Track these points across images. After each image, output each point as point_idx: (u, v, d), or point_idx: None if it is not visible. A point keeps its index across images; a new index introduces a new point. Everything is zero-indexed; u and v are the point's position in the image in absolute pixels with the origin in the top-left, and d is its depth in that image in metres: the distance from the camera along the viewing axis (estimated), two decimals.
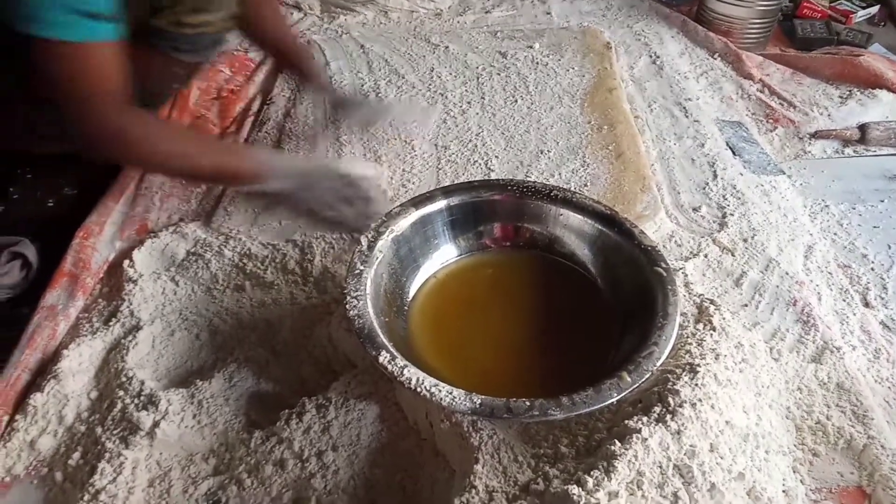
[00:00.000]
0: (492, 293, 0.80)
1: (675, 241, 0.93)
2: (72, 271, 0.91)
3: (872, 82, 1.28)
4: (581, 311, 0.76)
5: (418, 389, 0.60)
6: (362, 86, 1.28)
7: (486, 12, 1.59)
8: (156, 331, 0.83)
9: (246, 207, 1.00)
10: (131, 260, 0.92)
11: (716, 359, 0.63)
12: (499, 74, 1.30)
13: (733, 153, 1.12)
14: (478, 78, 1.29)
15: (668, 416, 0.56)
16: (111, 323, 0.84)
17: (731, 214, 0.97)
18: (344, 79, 1.31)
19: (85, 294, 0.90)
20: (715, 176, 1.05)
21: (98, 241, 0.95)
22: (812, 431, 0.69)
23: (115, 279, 0.92)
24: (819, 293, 0.86)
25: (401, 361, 0.62)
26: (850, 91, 1.28)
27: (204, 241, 0.96)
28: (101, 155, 0.85)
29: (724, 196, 1.01)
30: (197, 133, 0.99)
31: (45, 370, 0.79)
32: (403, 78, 1.30)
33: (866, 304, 0.86)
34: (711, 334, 0.67)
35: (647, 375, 0.59)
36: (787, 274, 0.88)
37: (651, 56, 1.38)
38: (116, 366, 0.78)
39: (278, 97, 1.27)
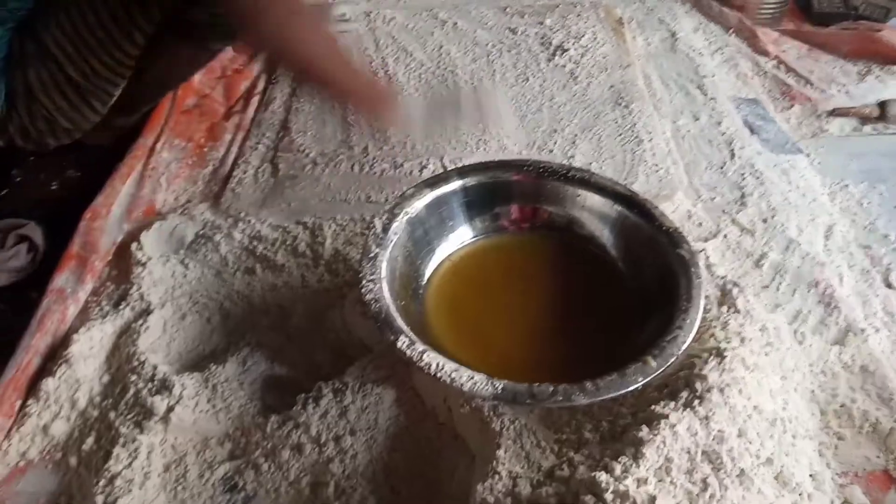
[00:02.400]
0: (509, 276, 0.78)
1: (694, 222, 0.91)
2: (80, 254, 0.89)
3: (892, 58, 1.25)
4: (601, 295, 0.74)
5: (438, 375, 0.58)
6: (370, 63, 1.26)
7: None
8: (167, 314, 0.82)
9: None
10: (139, 243, 0.90)
11: (742, 342, 0.62)
12: (509, 52, 1.27)
13: (751, 131, 1.10)
14: (488, 55, 1.26)
15: (696, 402, 0.55)
16: (121, 307, 0.83)
17: (750, 194, 0.96)
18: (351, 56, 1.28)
19: (94, 277, 0.89)
20: (732, 155, 1.03)
21: (105, 223, 0.94)
22: (837, 415, 0.68)
23: (123, 262, 0.91)
24: (840, 274, 0.85)
25: (420, 346, 0.61)
26: (868, 67, 1.25)
27: (213, 223, 0.95)
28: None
29: (742, 176, 0.99)
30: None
31: (55, 354, 0.78)
32: (412, 55, 1.27)
33: (888, 286, 0.85)
34: (736, 317, 0.66)
35: (673, 360, 0.58)
36: (807, 254, 0.86)
37: (665, 32, 1.35)
38: (128, 350, 0.77)
39: (283, 75, 1.24)
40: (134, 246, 0.90)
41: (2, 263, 0.90)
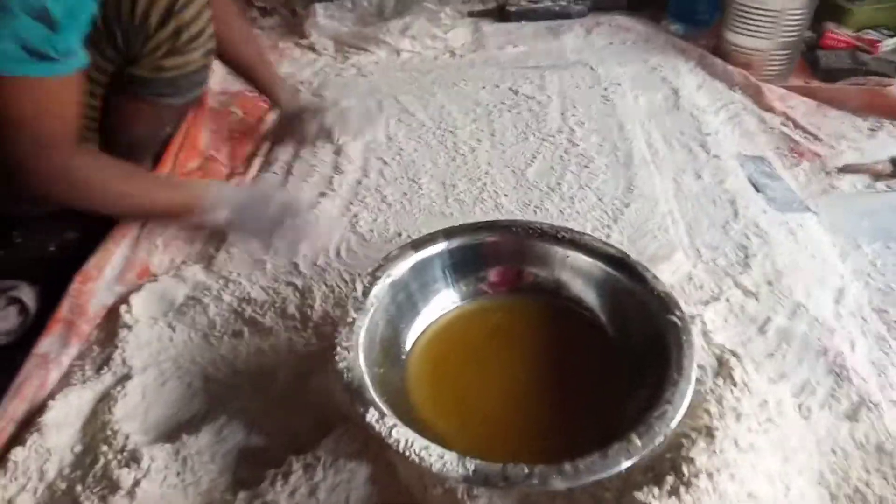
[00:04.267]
0: (495, 341, 0.75)
1: (694, 284, 0.87)
2: (67, 317, 0.88)
3: None
4: (589, 361, 0.71)
5: (406, 453, 0.55)
6: (371, 121, 1.27)
7: (500, 49, 1.57)
8: (147, 380, 0.80)
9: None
10: (128, 304, 0.89)
11: (737, 419, 0.58)
12: (510, 111, 1.27)
13: (756, 189, 1.06)
14: (488, 115, 1.27)
15: (682, 488, 0.50)
16: (103, 371, 0.81)
17: (754, 255, 0.91)
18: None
19: (80, 340, 0.87)
20: (736, 214, 1.00)
21: (96, 286, 0.93)
22: (850, 500, 0.62)
23: (111, 324, 0.90)
24: (852, 341, 0.79)
25: (390, 420, 0.57)
26: (880, 123, 1.22)
27: (203, 284, 0.93)
28: (52, 197, 0.84)
29: (746, 235, 0.95)
30: (141, 171, 0.97)
31: (31, 421, 0.76)
32: (413, 116, 1.28)
33: None
34: (732, 390, 0.61)
35: (660, 440, 0.53)
36: (816, 320, 0.81)
37: (668, 90, 1.34)
38: (103, 418, 0.75)
39: (288, 137, 1.25)
40: (123, 308, 0.89)
41: None
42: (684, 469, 0.52)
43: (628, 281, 0.71)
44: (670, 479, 0.51)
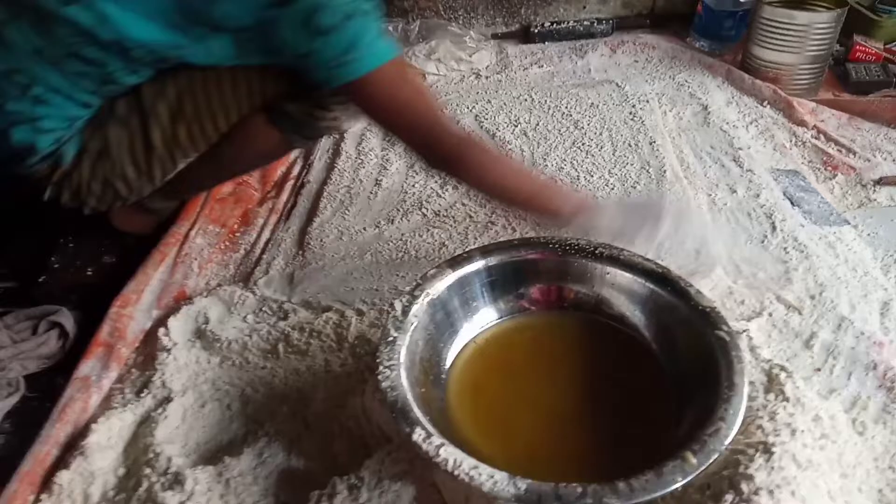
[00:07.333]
0: (536, 359, 0.74)
1: (735, 299, 0.86)
2: (107, 341, 0.89)
3: None
4: (634, 380, 0.69)
5: (456, 472, 0.54)
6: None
7: (525, 69, 1.58)
8: (187, 403, 0.80)
9: None
10: (167, 328, 0.90)
11: (792, 435, 0.56)
12: (535, 131, 1.27)
13: (791, 203, 1.05)
14: (524, 133, 1.27)
15: None
16: (143, 394, 0.82)
17: (795, 269, 0.90)
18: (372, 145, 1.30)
19: (119, 364, 0.88)
20: (774, 228, 0.99)
21: (135, 310, 0.94)
22: None
23: (150, 348, 0.90)
24: None
25: (437, 440, 0.57)
26: None
27: (240, 305, 0.94)
28: (448, 174, 0.87)
29: (784, 250, 0.94)
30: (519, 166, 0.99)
31: (75, 445, 0.77)
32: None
33: None
34: (785, 406, 0.60)
35: (715, 456, 0.52)
36: (862, 334, 0.80)
37: (696, 106, 1.34)
38: (145, 441, 0.75)
39: (317, 161, 1.27)
40: (161, 331, 0.90)
41: (32, 350, 0.90)
42: (743, 486, 0.50)
43: (671, 297, 0.70)
44: (729, 497, 0.50)
